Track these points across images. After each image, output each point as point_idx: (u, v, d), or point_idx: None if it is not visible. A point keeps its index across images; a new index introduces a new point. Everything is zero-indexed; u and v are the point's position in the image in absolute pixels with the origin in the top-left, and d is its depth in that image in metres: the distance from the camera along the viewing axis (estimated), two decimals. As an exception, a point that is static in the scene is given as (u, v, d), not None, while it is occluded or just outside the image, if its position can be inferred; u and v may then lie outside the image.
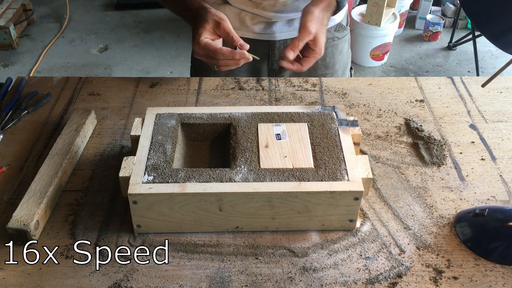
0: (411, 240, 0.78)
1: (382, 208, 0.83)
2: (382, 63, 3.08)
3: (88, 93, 1.09)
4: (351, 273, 0.73)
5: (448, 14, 3.41)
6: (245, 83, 1.12)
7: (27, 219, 0.75)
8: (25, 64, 3.11)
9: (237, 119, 0.87)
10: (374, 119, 1.02)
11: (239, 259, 0.75)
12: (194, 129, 0.88)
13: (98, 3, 3.76)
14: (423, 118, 1.02)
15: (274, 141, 0.82)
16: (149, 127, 0.85)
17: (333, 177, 0.76)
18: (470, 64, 3.08)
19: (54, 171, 0.84)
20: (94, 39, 3.36)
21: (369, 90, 1.10)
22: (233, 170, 0.77)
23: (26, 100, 1.05)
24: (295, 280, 0.72)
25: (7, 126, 0.99)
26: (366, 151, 0.94)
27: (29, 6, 3.45)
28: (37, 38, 3.36)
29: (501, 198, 0.85)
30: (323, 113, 0.88)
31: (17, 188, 0.86)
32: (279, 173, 0.76)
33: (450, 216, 0.82)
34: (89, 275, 0.73)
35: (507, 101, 1.07)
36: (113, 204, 0.83)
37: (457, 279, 0.72)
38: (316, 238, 0.78)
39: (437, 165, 0.91)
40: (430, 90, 1.11)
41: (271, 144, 0.82)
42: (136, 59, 3.17)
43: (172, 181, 0.75)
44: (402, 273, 0.73)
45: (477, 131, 0.99)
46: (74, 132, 0.93)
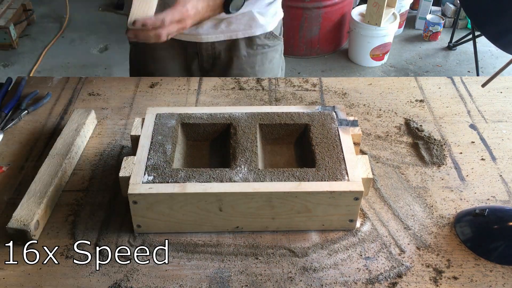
0: (411, 240, 0.78)
1: (382, 208, 0.83)
2: (382, 63, 3.08)
3: (88, 93, 1.09)
4: (351, 273, 0.73)
5: (448, 14, 3.41)
6: (245, 83, 1.12)
7: (27, 219, 0.75)
8: (25, 64, 3.11)
9: (237, 119, 0.87)
10: (374, 119, 1.02)
11: (239, 259, 0.75)
12: (194, 129, 0.88)
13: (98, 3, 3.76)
14: (423, 118, 1.02)
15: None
16: (149, 127, 0.85)
17: (333, 177, 0.76)
18: (470, 64, 3.08)
19: (54, 171, 0.84)
20: (94, 39, 3.36)
21: (369, 90, 1.10)
22: (233, 170, 0.77)
23: (26, 100, 1.05)
24: (295, 280, 0.72)
25: (7, 126, 0.99)
26: (366, 151, 0.94)
27: (29, 6, 3.45)
28: (37, 38, 3.36)
29: (501, 198, 0.85)
30: (323, 113, 0.88)
31: (17, 188, 0.86)
32: (279, 173, 0.76)
33: (450, 216, 0.82)
34: (89, 275, 0.72)
35: (507, 101, 1.07)
36: (113, 204, 0.83)
37: (457, 279, 0.72)
38: (316, 238, 0.78)
39: (437, 165, 0.91)
40: (430, 90, 1.11)
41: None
42: (136, 59, 3.17)
43: (172, 181, 0.75)
44: (402, 273, 0.73)
45: (477, 131, 0.99)
46: (74, 132, 0.93)
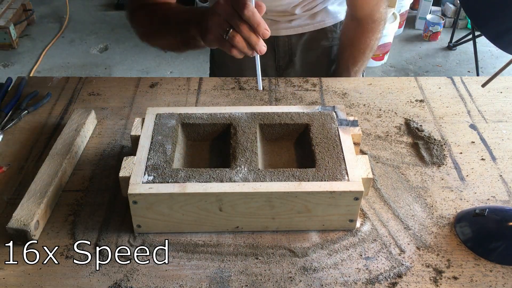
0: (411, 240, 0.78)
1: (382, 208, 0.83)
2: (382, 63, 3.07)
3: (88, 93, 1.09)
4: (351, 273, 0.73)
5: (448, 14, 3.40)
6: (245, 83, 1.12)
7: (27, 219, 0.75)
8: (25, 64, 3.11)
9: (237, 119, 0.87)
10: (374, 119, 1.02)
11: (239, 259, 0.75)
12: (194, 129, 0.88)
13: (98, 3, 3.76)
14: (423, 118, 1.02)
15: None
16: (149, 127, 0.85)
17: (333, 177, 0.76)
18: (470, 64, 3.08)
19: (54, 171, 0.84)
20: (94, 39, 3.36)
21: (369, 90, 1.10)
22: (233, 170, 0.77)
23: (26, 100, 1.05)
24: (295, 280, 0.72)
25: (7, 126, 0.99)
26: (366, 151, 0.94)
27: (29, 6, 3.45)
28: (37, 38, 3.36)
29: (501, 198, 0.85)
30: (323, 113, 0.88)
31: (17, 188, 0.86)
32: (279, 173, 0.76)
33: (450, 216, 0.82)
34: (89, 275, 0.72)
35: (507, 101, 1.07)
36: (113, 204, 0.83)
37: (457, 279, 0.72)
38: (316, 238, 0.78)
39: (437, 165, 0.91)
40: (430, 90, 1.11)
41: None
42: (136, 59, 3.17)
43: (172, 181, 0.75)
44: (402, 273, 0.73)
45: (477, 131, 0.99)
46: (74, 132, 0.93)
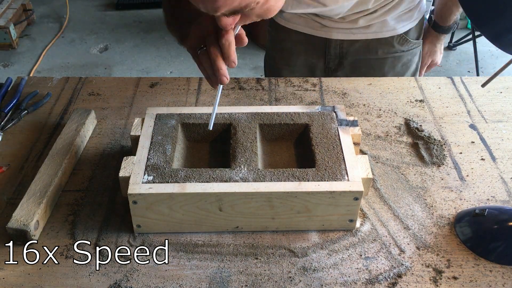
0: (411, 240, 0.78)
1: (382, 208, 0.83)
2: (382, 63, 3.07)
3: (88, 93, 1.09)
4: (351, 273, 0.73)
5: (448, 14, 3.40)
6: (245, 83, 1.12)
7: (27, 219, 0.75)
8: (25, 64, 3.11)
9: (237, 119, 0.87)
10: (374, 119, 1.02)
11: (239, 259, 0.75)
12: (194, 129, 0.88)
13: (98, 3, 3.77)
14: (423, 118, 1.02)
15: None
16: (149, 127, 0.85)
17: (333, 177, 0.76)
18: (470, 64, 3.08)
19: (54, 171, 0.84)
20: (94, 39, 3.36)
21: (369, 90, 1.10)
22: (233, 170, 0.77)
23: (26, 100, 1.05)
24: (295, 280, 0.72)
25: (7, 126, 0.99)
26: (366, 151, 0.94)
27: (29, 6, 3.45)
28: (37, 38, 3.36)
29: (501, 198, 0.85)
30: (323, 113, 0.88)
31: (17, 188, 0.86)
32: (279, 173, 0.76)
33: (450, 216, 0.82)
34: (89, 275, 0.72)
35: (507, 101, 1.07)
36: (113, 204, 0.83)
37: (457, 279, 0.72)
38: (316, 238, 0.78)
39: (437, 165, 0.91)
40: (430, 90, 1.10)
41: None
42: (136, 59, 3.17)
43: (172, 181, 0.75)
44: (402, 273, 0.73)
45: (477, 131, 0.99)
46: (74, 132, 0.93)
